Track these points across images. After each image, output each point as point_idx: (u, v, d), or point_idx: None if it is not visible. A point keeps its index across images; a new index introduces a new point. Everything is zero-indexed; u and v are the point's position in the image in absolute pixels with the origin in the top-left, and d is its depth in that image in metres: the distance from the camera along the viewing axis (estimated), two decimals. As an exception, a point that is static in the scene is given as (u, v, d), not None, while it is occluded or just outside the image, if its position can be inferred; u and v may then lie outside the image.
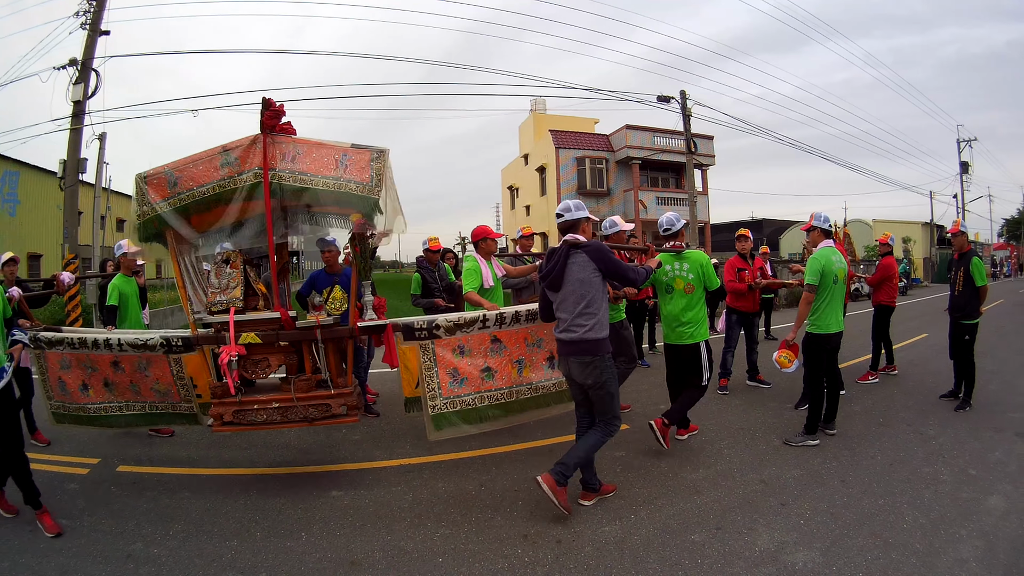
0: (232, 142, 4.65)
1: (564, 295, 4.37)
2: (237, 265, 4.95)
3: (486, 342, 4.95)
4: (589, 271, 4.29)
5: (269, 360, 4.85)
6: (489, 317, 4.91)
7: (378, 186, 4.48)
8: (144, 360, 5.01)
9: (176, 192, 4.67)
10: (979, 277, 6.95)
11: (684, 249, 5.69)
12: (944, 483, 4.85)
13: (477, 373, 4.92)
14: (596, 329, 4.28)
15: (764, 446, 5.76)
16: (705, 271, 5.54)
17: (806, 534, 3.98)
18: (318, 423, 4.82)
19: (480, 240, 6.31)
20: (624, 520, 4.22)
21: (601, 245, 4.41)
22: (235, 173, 4.57)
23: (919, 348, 11.58)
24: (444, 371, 4.84)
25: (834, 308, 5.84)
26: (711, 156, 34.07)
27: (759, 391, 8.00)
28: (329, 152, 4.57)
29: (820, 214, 6.15)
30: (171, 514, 4.54)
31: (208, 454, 5.92)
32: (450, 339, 4.83)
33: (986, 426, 6.35)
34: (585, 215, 4.55)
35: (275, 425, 4.82)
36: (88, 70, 15.28)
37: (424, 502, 4.63)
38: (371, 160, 4.52)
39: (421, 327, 4.77)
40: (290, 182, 4.53)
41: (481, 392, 4.94)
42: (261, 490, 4.99)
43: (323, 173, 4.53)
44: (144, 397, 5.16)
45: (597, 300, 4.31)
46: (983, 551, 3.77)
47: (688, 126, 21.37)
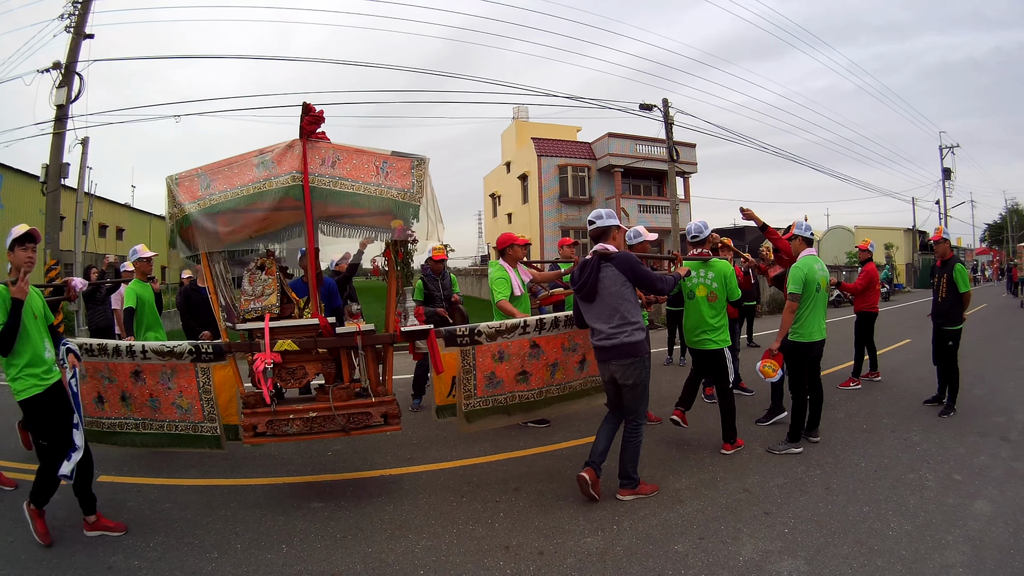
0: (269, 146, 4.65)
1: (599, 306, 4.56)
2: (272, 271, 4.92)
3: (525, 347, 5.09)
4: (620, 283, 4.48)
5: (306, 368, 4.76)
6: (530, 323, 5.07)
7: (419, 193, 4.53)
8: (169, 370, 4.77)
9: (209, 193, 4.57)
10: (962, 283, 6.99)
11: (711, 257, 5.84)
12: (929, 489, 4.84)
13: (513, 376, 5.09)
14: (635, 334, 4.50)
15: (747, 454, 5.71)
16: (728, 281, 5.68)
17: (791, 543, 3.94)
18: (356, 432, 4.76)
19: (507, 247, 6.28)
20: (606, 531, 4.15)
21: (630, 256, 4.58)
22: (271, 175, 4.53)
23: (902, 354, 11.65)
24: (482, 375, 5.00)
25: (817, 316, 5.85)
26: (693, 164, 34.33)
27: (741, 399, 7.89)
28: (369, 159, 4.59)
29: (802, 222, 6.16)
30: (152, 525, 4.45)
31: (187, 465, 5.80)
32: (491, 345, 4.95)
33: (970, 431, 6.36)
34: (616, 223, 4.75)
35: (310, 436, 4.74)
36: (72, 73, 15.05)
37: (405, 513, 4.56)
38: (412, 167, 4.58)
39: (463, 333, 4.89)
40: (330, 187, 4.53)
41: (514, 392, 5.15)
42: (242, 502, 4.91)
43: (364, 179, 4.56)
44: (164, 414, 4.87)
45: (631, 308, 4.52)
46: (970, 556, 3.75)
47: (670, 134, 21.40)
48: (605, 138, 33.21)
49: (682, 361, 10.90)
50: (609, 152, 32.73)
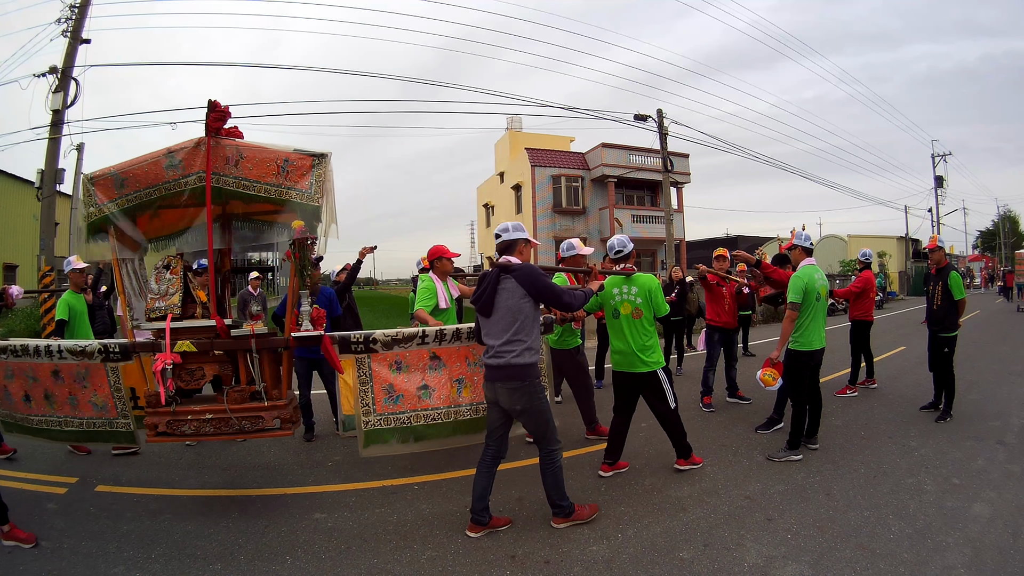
0: (177, 144, 4.58)
1: (494, 321, 4.27)
2: (177, 271, 4.88)
3: (424, 359, 4.85)
4: (518, 297, 4.18)
5: (204, 370, 4.74)
6: (429, 333, 4.81)
7: (318, 193, 4.45)
8: (83, 369, 4.85)
9: (123, 193, 4.63)
10: (957, 291, 7.07)
11: (634, 272, 5.44)
12: (928, 493, 4.88)
13: (414, 390, 4.82)
14: (524, 355, 4.17)
15: (747, 462, 5.75)
16: (653, 296, 5.27)
17: (794, 548, 3.97)
18: (251, 436, 4.73)
19: (436, 259, 6.19)
20: (611, 539, 4.17)
21: (532, 269, 4.27)
22: (180, 176, 4.51)
23: (897, 361, 11.70)
24: (379, 387, 4.77)
25: (817, 325, 5.90)
26: (686, 174, 34.34)
27: (740, 407, 8.02)
28: (271, 157, 4.50)
29: (801, 232, 6.21)
30: (153, 536, 4.43)
31: (187, 475, 5.81)
32: (387, 354, 4.74)
33: (967, 435, 6.42)
34: (524, 236, 4.46)
35: (208, 437, 4.71)
36: (68, 78, 15.07)
37: (409, 524, 4.56)
38: (312, 166, 4.49)
39: (357, 340, 4.68)
40: (233, 187, 4.50)
41: (417, 410, 4.84)
42: (243, 512, 4.89)
43: (265, 179, 4.49)
44: (82, 412, 4.97)
45: (527, 326, 4.21)
46: (970, 558, 3.80)
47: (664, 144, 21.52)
48: (599, 148, 33.19)
49: (679, 371, 10.88)
50: (603, 162, 32.70)
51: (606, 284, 5.34)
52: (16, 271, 31.11)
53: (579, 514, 4.41)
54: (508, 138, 37.78)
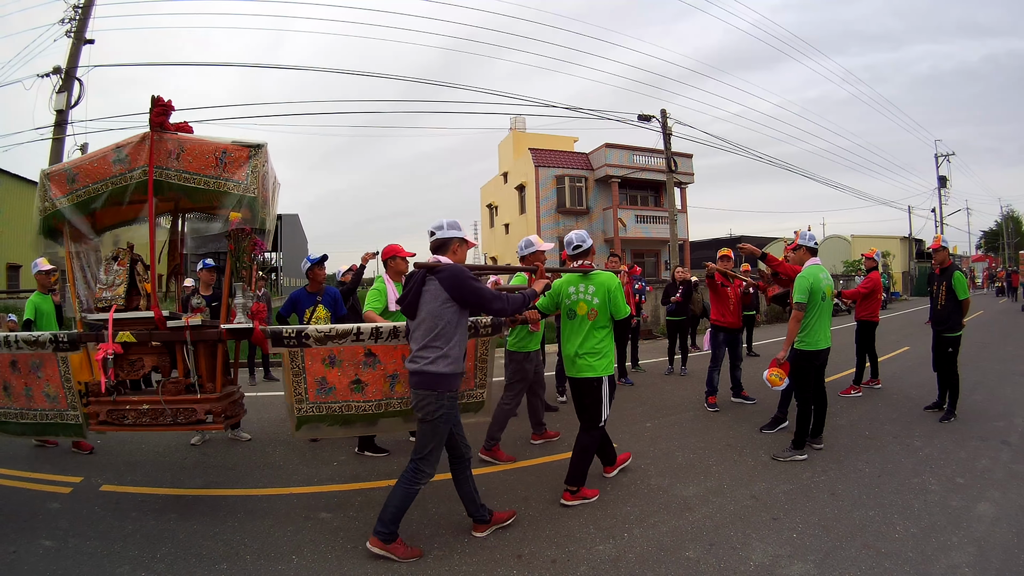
0: (124, 139, 4.68)
1: (416, 324, 4.07)
2: (124, 263, 4.95)
3: (359, 355, 4.78)
4: (440, 301, 3.95)
5: (144, 360, 4.81)
6: (364, 330, 4.71)
7: (254, 184, 4.47)
8: (37, 359, 4.85)
9: (74, 188, 4.74)
10: (961, 291, 7.10)
11: (592, 269, 5.09)
12: (933, 492, 4.90)
13: (347, 384, 4.80)
14: (438, 363, 3.92)
15: (752, 461, 5.76)
16: (612, 296, 4.86)
17: (799, 547, 3.98)
18: (185, 428, 4.77)
19: (389, 259, 6.15)
20: (618, 539, 4.19)
21: (458, 271, 4.01)
22: (126, 170, 4.58)
23: (901, 361, 11.72)
24: (312, 379, 4.74)
25: (823, 325, 5.90)
26: (690, 174, 34.32)
27: (744, 407, 8.03)
28: (210, 149, 4.54)
29: (805, 232, 6.22)
30: (158, 536, 4.41)
31: (193, 474, 5.82)
32: (320, 349, 4.70)
33: (971, 435, 6.43)
34: (459, 235, 4.26)
35: (145, 427, 4.73)
36: (72, 79, 15.03)
37: (415, 523, 4.54)
38: (249, 156, 4.51)
39: (289, 335, 4.63)
40: (174, 180, 4.53)
41: (349, 402, 4.82)
42: (248, 512, 4.89)
43: (204, 172, 4.52)
44: (36, 403, 4.96)
45: (447, 333, 3.96)
46: (975, 557, 3.81)
47: (668, 145, 21.50)
48: (602, 149, 33.11)
49: (683, 370, 10.89)
50: (606, 163, 32.61)
51: (562, 283, 5.07)
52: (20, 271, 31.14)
53: (395, 549, 3.99)
54: (512, 138, 37.71)
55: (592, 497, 4.93)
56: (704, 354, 8.11)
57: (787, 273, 6.78)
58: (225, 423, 4.79)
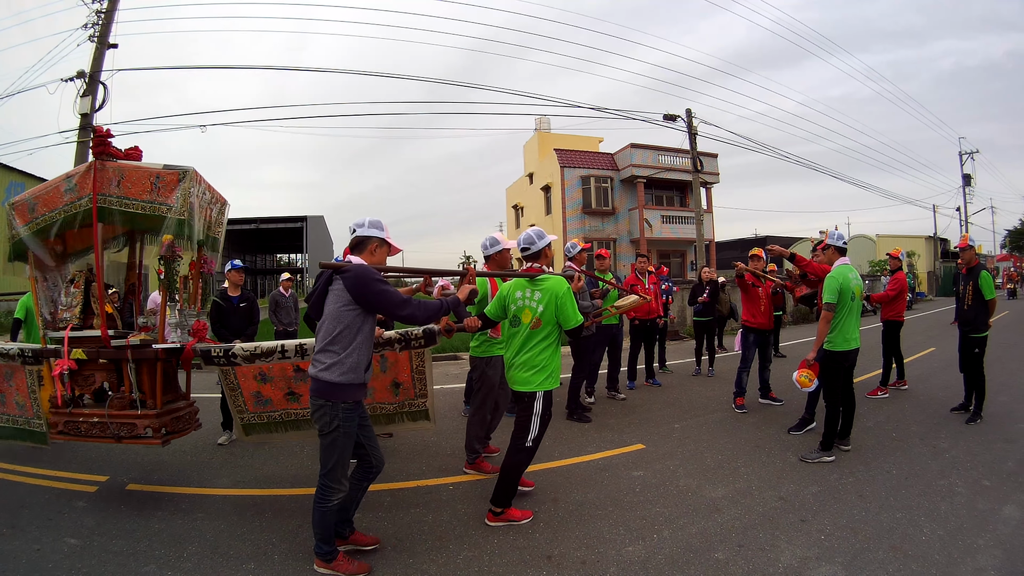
0: (74, 169, 4.99)
1: (319, 325, 3.85)
2: (79, 285, 5.34)
3: (289, 371, 5.06)
4: (342, 303, 3.72)
5: (95, 376, 5.09)
6: (288, 348, 4.88)
7: (184, 207, 4.64)
8: (9, 370, 5.30)
9: (34, 217, 5.05)
10: (988, 290, 7.07)
11: (541, 273, 4.67)
12: (959, 495, 4.90)
13: (282, 396, 5.15)
14: (333, 370, 3.69)
15: (780, 463, 5.78)
16: (560, 303, 4.45)
17: (827, 549, 4.01)
18: (125, 441, 4.96)
19: None
20: (647, 540, 4.23)
21: (364, 272, 3.73)
22: (75, 199, 4.79)
23: (927, 362, 11.64)
24: (248, 393, 5.14)
25: (852, 325, 5.89)
26: (715, 174, 34.15)
27: (772, 408, 8.04)
28: (145, 175, 4.71)
29: (834, 232, 6.21)
30: (185, 535, 4.46)
31: (219, 474, 5.89)
32: (249, 367, 4.98)
33: (997, 437, 6.41)
34: (380, 235, 3.96)
35: (94, 439, 5.02)
36: (96, 83, 15.14)
37: (444, 524, 4.58)
38: (179, 180, 4.67)
39: (218, 354, 4.88)
40: (116, 207, 4.70)
41: (287, 410, 5.20)
42: (276, 512, 4.92)
43: (141, 197, 4.69)
44: (8, 410, 5.40)
45: (345, 338, 3.72)
46: (1001, 560, 3.83)
47: (694, 144, 21.41)
48: (628, 149, 33.00)
49: (711, 371, 10.88)
50: (632, 163, 32.48)
51: (510, 287, 4.69)
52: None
53: (337, 566, 3.83)
54: (536, 139, 37.64)
55: (521, 519, 4.59)
56: (731, 355, 8.13)
57: (816, 273, 6.78)
58: (163, 438, 4.95)
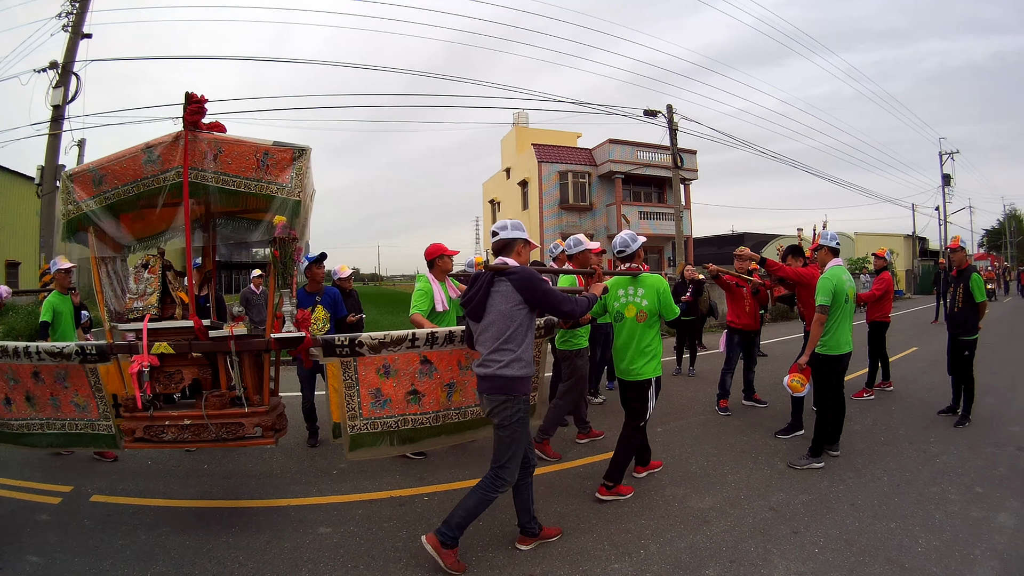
0: (156, 139, 4.38)
1: (484, 326, 3.98)
2: (155, 270, 4.70)
3: (415, 363, 4.60)
4: (512, 303, 3.88)
5: (183, 372, 4.53)
6: (419, 336, 4.52)
7: (298, 187, 4.32)
8: (63, 370, 4.63)
9: (102, 190, 4.46)
10: (978, 293, 7.02)
11: (640, 272, 5.18)
12: (953, 503, 4.83)
13: (402, 395, 4.60)
14: (513, 366, 3.87)
15: (768, 470, 5.66)
16: (662, 298, 5.00)
17: (823, 563, 3.89)
18: (230, 444, 4.54)
19: (436, 258, 5.96)
20: (634, 556, 4.05)
21: (529, 273, 3.95)
22: (158, 171, 4.33)
23: (911, 363, 11.58)
24: (366, 391, 4.54)
25: (845, 329, 5.79)
26: (694, 170, 34.32)
27: (756, 411, 7.94)
28: (250, 151, 4.33)
29: (827, 232, 6.14)
30: (150, 552, 4.21)
31: (186, 484, 5.62)
32: (374, 358, 4.49)
33: (987, 441, 6.37)
34: (523, 236, 4.21)
35: (186, 444, 4.50)
36: (69, 73, 14.99)
37: (419, 540, 4.24)
38: (293, 159, 4.34)
39: (342, 343, 4.44)
40: (212, 183, 4.32)
41: (405, 415, 4.64)
42: (243, 526, 4.66)
43: (244, 174, 4.33)
44: (64, 413, 4.76)
45: (519, 335, 3.90)
46: (999, 571, 3.77)
47: (674, 140, 21.45)
48: (606, 144, 33.04)
49: (691, 371, 10.73)
50: (610, 158, 32.54)
51: (610, 285, 5.08)
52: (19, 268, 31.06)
53: (446, 556, 3.88)
54: (515, 134, 37.63)
55: (627, 494, 5.06)
56: (711, 354, 8.00)
57: (789, 277, 6.70)
58: (275, 437, 4.57)
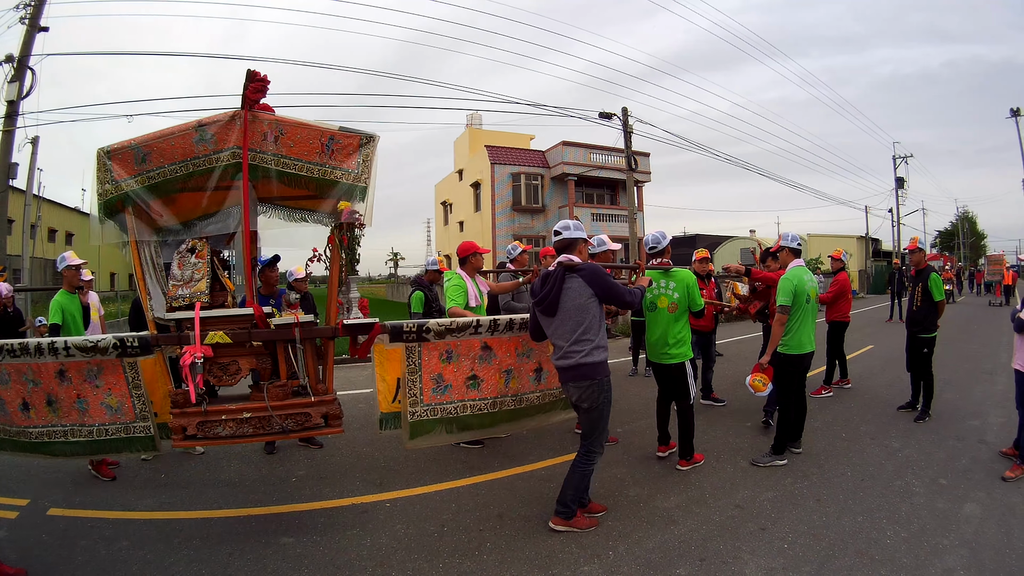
0: (209, 117, 4.16)
1: (560, 320, 4.27)
2: (203, 255, 4.36)
3: (476, 348, 4.68)
4: (586, 296, 4.21)
5: (239, 363, 4.26)
6: (483, 322, 4.66)
7: (365, 173, 4.21)
8: (95, 367, 4.29)
9: (145, 169, 4.17)
10: (937, 292, 7.13)
11: (671, 267, 5.65)
12: (918, 495, 4.86)
13: (463, 381, 4.66)
14: (595, 353, 4.22)
15: (731, 468, 5.63)
16: (691, 291, 5.49)
17: (792, 559, 3.85)
18: (296, 435, 4.36)
19: (470, 255, 6.16)
20: (603, 558, 3.97)
21: (598, 268, 4.33)
22: (211, 151, 4.11)
23: (867, 360, 11.73)
24: (428, 376, 4.54)
25: (806, 328, 5.83)
26: (647, 172, 34.56)
27: (715, 410, 7.92)
28: (315, 134, 4.18)
29: (788, 233, 6.19)
30: (109, 568, 4.00)
31: (143, 495, 5.35)
32: (439, 343, 4.52)
33: (948, 435, 6.43)
34: (584, 236, 4.48)
35: (246, 438, 4.25)
36: (24, 68, 14.46)
37: (384, 548, 4.23)
38: (360, 145, 4.23)
39: (410, 329, 4.42)
40: (272, 165, 4.15)
41: (465, 401, 4.69)
42: (205, 538, 4.46)
43: (307, 158, 4.18)
44: (93, 418, 4.39)
45: (595, 325, 4.25)
46: (968, 559, 3.81)
47: (629, 143, 21.50)
48: (559, 147, 33.18)
49: (648, 371, 10.66)
50: (563, 160, 32.69)
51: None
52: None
53: (577, 522, 4.37)
54: (468, 135, 37.72)
55: (701, 461, 5.72)
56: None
57: (769, 281, 6.72)
58: (342, 425, 4.40)
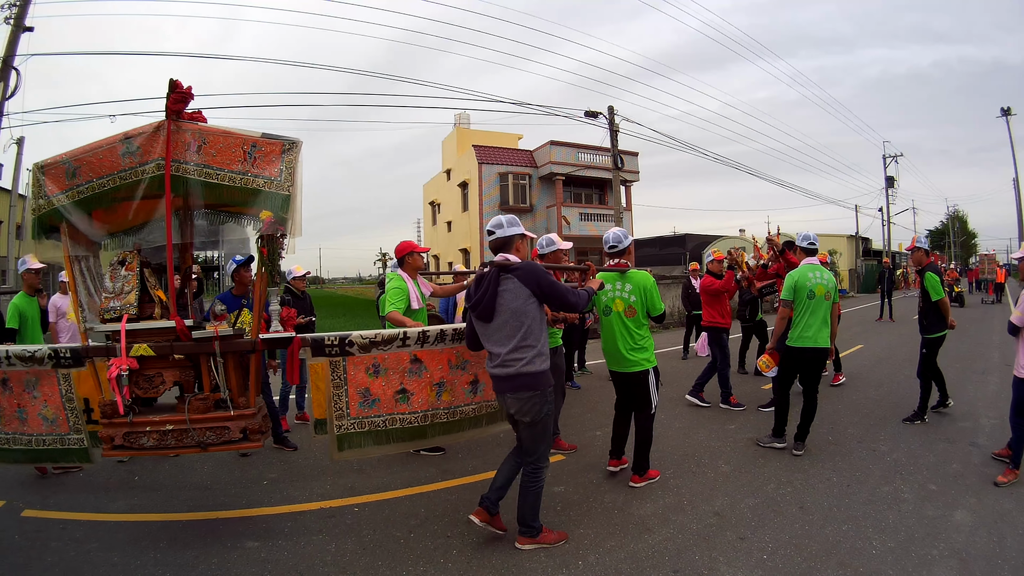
0: (135, 129, 4.11)
1: (497, 326, 3.95)
2: (133, 267, 4.31)
3: (404, 362, 4.43)
4: (523, 298, 3.88)
5: (164, 375, 4.24)
6: (411, 335, 4.39)
7: (288, 181, 4.04)
8: (33, 377, 4.34)
9: (75, 184, 4.17)
10: (934, 291, 6.97)
11: (628, 268, 5.30)
12: (906, 502, 4.68)
13: (391, 395, 4.42)
14: (536, 361, 3.90)
15: (712, 473, 5.46)
16: (648, 294, 5.09)
17: (772, 570, 3.67)
18: (214, 449, 4.21)
19: (407, 255, 5.84)
20: (572, 567, 3.79)
21: (534, 266, 4.01)
22: (136, 163, 4.04)
23: (857, 360, 11.62)
24: (354, 390, 4.34)
25: (810, 323, 5.97)
26: (635, 172, 34.53)
27: (698, 413, 7.77)
28: (237, 142, 4.06)
29: (802, 232, 6.43)
30: (76, 570, 3.95)
31: (116, 497, 5.26)
32: (364, 357, 4.31)
33: (938, 438, 6.29)
34: (520, 232, 4.25)
35: (169, 450, 4.20)
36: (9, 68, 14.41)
37: (349, 553, 4.10)
38: (283, 152, 4.07)
39: (332, 343, 4.23)
40: (194, 175, 4.03)
41: (393, 415, 4.45)
42: (171, 541, 4.37)
43: (229, 167, 4.05)
44: (31, 428, 4.45)
45: (535, 330, 3.93)
46: (958, 571, 3.65)
47: (615, 142, 21.40)
48: (547, 146, 33.13)
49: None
50: (551, 160, 32.64)
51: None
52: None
53: (545, 537, 4.10)
54: (455, 135, 37.65)
55: (656, 477, 5.32)
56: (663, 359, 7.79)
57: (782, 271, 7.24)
58: (261, 439, 4.27)
